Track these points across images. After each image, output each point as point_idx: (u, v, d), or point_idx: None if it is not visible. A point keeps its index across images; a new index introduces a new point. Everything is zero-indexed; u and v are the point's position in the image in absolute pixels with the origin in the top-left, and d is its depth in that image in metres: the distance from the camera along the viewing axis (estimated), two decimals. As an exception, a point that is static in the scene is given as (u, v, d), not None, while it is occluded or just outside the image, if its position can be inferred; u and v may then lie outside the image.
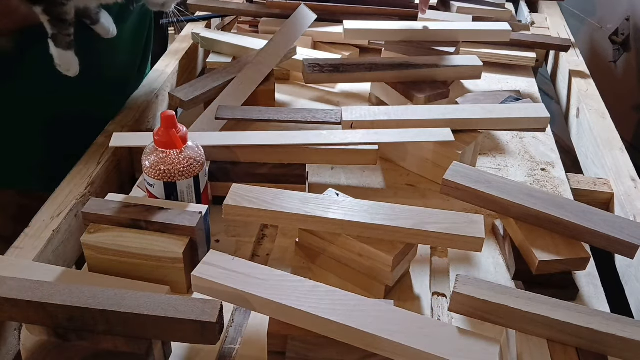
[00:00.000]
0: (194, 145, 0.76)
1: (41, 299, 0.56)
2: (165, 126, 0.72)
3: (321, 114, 0.91)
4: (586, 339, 0.58)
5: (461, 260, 0.78)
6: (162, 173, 0.73)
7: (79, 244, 0.80)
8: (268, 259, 0.77)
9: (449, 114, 0.90)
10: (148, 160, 0.74)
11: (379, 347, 0.55)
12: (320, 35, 1.28)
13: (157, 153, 0.73)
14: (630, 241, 0.69)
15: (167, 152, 0.73)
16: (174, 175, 0.73)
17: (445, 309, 0.69)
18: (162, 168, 0.73)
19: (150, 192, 0.76)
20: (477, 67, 1.04)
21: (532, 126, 0.91)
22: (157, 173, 0.73)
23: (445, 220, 0.68)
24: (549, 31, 1.43)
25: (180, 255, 0.67)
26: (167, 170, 0.73)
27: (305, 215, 0.69)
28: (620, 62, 1.53)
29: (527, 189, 0.76)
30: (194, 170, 0.74)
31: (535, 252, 0.70)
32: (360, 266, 0.71)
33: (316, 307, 0.57)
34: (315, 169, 0.93)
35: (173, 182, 0.73)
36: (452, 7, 1.39)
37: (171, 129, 0.72)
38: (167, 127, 0.72)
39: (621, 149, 0.98)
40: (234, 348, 0.64)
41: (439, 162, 0.89)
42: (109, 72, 1.00)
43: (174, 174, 0.73)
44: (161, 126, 0.72)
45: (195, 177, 0.75)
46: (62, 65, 0.77)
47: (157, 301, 0.56)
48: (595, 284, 0.75)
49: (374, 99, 1.13)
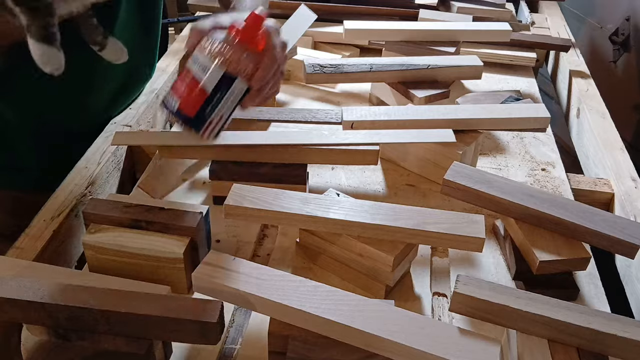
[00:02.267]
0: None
1: (41, 299, 0.56)
2: (251, 21, 0.65)
3: (321, 114, 0.91)
4: (587, 339, 0.58)
5: (462, 261, 0.78)
6: (226, 60, 0.65)
7: (79, 244, 0.80)
8: (269, 259, 0.77)
9: (449, 114, 0.90)
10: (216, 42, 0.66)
11: (380, 347, 0.55)
12: (320, 35, 1.28)
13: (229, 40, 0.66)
14: (630, 241, 0.69)
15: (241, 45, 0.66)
16: (236, 69, 0.66)
17: (445, 309, 0.69)
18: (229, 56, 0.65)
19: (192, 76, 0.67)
20: (477, 67, 1.04)
21: (533, 126, 0.91)
22: (221, 58, 0.65)
23: (445, 221, 0.68)
24: (549, 31, 1.44)
25: (181, 255, 0.67)
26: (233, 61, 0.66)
27: (306, 215, 0.69)
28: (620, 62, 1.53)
29: (528, 189, 0.76)
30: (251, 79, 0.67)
31: (535, 252, 0.70)
32: (360, 266, 0.71)
33: (317, 307, 0.57)
34: (315, 169, 0.93)
35: (234, 76, 0.66)
36: (452, 7, 1.39)
37: (256, 26, 0.66)
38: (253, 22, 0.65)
39: (621, 149, 0.98)
40: (234, 348, 0.64)
41: (439, 162, 0.89)
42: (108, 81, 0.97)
43: (237, 68, 0.66)
44: (248, 21, 0.65)
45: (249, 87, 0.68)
46: (39, 60, 0.72)
47: (157, 301, 0.56)
48: (596, 284, 0.75)
49: (374, 99, 1.13)
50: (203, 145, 0.84)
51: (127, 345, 0.57)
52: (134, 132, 0.97)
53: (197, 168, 0.93)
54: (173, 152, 0.85)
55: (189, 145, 0.84)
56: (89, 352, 0.57)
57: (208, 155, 0.85)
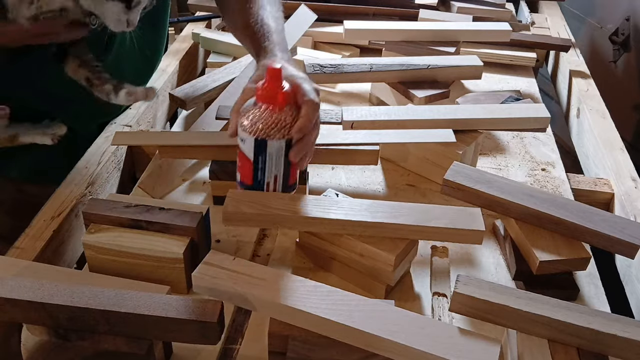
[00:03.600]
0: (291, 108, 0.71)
1: (42, 299, 0.56)
2: (270, 80, 0.68)
3: (321, 114, 0.91)
4: (587, 339, 0.58)
5: (462, 260, 0.78)
6: (256, 128, 0.69)
7: (79, 244, 0.80)
8: (269, 259, 0.77)
9: (449, 114, 0.90)
10: (245, 116, 0.70)
11: (380, 347, 0.55)
12: (320, 35, 1.28)
13: (255, 108, 0.70)
14: (630, 241, 0.69)
15: (266, 108, 0.69)
16: (266, 132, 0.69)
17: (445, 309, 0.69)
18: (258, 125, 0.69)
19: (240, 151, 0.72)
20: (477, 67, 1.04)
21: (533, 126, 0.91)
22: (252, 128, 0.69)
23: (444, 216, 0.69)
24: (549, 31, 1.44)
25: (181, 255, 0.67)
26: (262, 126, 0.69)
27: (306, 217, 0.69)
28: (620, 62, 1.53)
29: (528, 189, 0.76)
30: (288, 132, 0.70)
31: (535, 252, 0.70)
32: (361, 266, 0.71)
33: (317, 307, 0.57)
34: (315, 169, 0.93)
35: (264, 139, 0.69)
36: (452, 7, 1.39)
37: (276, 83, 0.68)
38: (272, 81, 0.68)
39: (621, 149, 0.98)
40: (234, 348, 0.64)
41: (439, 162, 0.89)
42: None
43: (267, 131, 0.69)
44: (266, 80, 0.69)
45: (288, 141, 0.70)
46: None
47: (157, 301, 0.56)
48: (596, 284, 0.75)
49: (374, 99, 1.13)
50: (203, 145, 0.84)
51: (127, 345, 0.57)
52: (134, 132, 0.98)
53: (197, 168, 0.92)
54: (173, 152, 0.85)
55: (189, 145, 0.84)
56: (89, 352, 0.57)
57: (208, 155, 0.85)
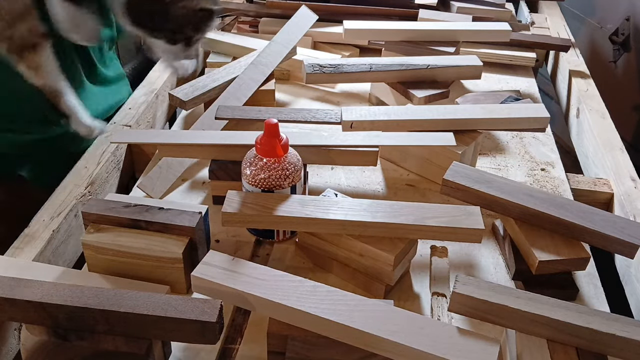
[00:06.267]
0: (294, 153, 0.75)
1: (41, 299, 0.56)
2: (268, 134, 0.71)
3: (321, 114, 0.91)
4: (586, 339, 0.58)
5: (461, 260, 0.78)
6: (261, 181, 0.73)
7: (79, 244, 0.80)
8: (268, 259, 0.77)
9: (449, 114, 0.90)
10: (249, 168, 0.74)
11: (379, 347, 0.56)
12: (320, 35, 1.28)
13: (257, 161, 0.73)
14: (630, 241, 0.69)
15: (267, 160, 0.73)
16: (272, 185, 0.73)
17: (445, 309, 0.69)
18: (261, 176, 0.73)
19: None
20: (477, 67, 1.04)
21: (532, 126, 0.91)
22: (256, 181, 0.73)
23: (444, 214, 0.69)
24: (549, 31, 1.43)
25: (180, 255, 0.67)
26: (266, 178, 0.73)
27: (306, 217, 0.69)
28: (620, 62, 1.53)
29: (527, 189, 0.76)
30: (293, 180, 0.74)
31: (535, 252, 0.70)
32: (360, 266, 0.71)
33: (316, 307, 0.57)
34: (315, 169, 0.93)
35: (271, 190, 0.73)
36: (452, 7, 1.39)
37: (274, 138, 0.72)
38: (269, 135, 0.71)
39: (621, 149, 0.98)
40: (233, 348, 0.64)
41: (439, 162, 0.89)
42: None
43: (273, 183, 0.73)
44: (264, 134, 0.72)
45: (292, 187, 0.74)
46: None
47: (157, 301, 0.56)
48: (595, 284, 0.75)
49: (374, 99, 1.13)
50: (203, 145, 0.84)
51: (126, 345, 0.57)
52: (134, 131, 0.98)
53: (197, 168, 0.93)
54: (173, 151, 0.85)
55: (189, 144, 0.84)
56: (88, 352, 0.57)
57: (208, 155, 0.85)
